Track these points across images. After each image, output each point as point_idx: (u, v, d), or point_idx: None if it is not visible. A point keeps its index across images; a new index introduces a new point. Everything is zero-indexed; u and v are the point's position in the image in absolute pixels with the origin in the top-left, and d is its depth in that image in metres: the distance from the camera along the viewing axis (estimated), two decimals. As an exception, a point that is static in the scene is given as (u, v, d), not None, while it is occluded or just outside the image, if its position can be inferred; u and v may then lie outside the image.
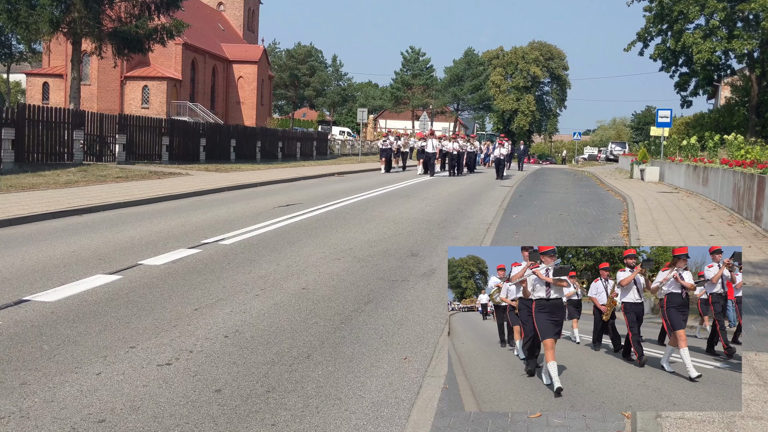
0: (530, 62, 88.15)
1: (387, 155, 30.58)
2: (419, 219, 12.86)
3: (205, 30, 59.75)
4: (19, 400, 4.02)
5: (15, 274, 6.98)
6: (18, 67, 64.65)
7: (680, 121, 44.66)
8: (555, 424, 3.90)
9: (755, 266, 8.24)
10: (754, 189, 12.42)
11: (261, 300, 6.43)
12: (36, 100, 51.02)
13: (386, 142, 30.59)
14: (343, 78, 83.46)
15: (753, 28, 35.05)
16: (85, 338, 5.13)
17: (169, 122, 26.00)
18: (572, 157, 72.56)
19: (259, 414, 4.00)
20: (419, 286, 7.33)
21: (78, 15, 24.49)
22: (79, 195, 13.59)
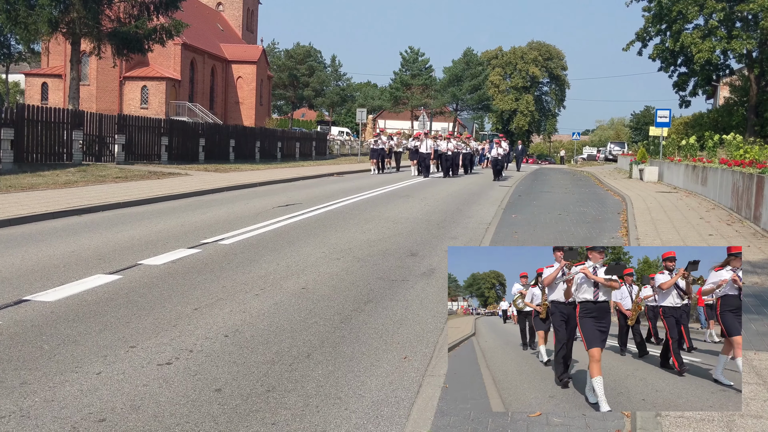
0: (529, 62, 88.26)
1: (378, 156, 29.41)
2: (418, 219, 12.87)
3: (204, 30, 59.74)
4: (20, 399, 4.02)
5: (15, 274, 6.98)
6: (17, 68, 64.61)
7: (679, 121, 44.70)
8: (555, 423, 3.91)
9: (754, 266, 8.25)
10: (752, 189, 12.44)
11: (261, 300, 6.43)
12: (35, 100, 51.00)
13: (377, 142, 29.44)
14: (342, 78, 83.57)
15: (752, 28, 35.11)
16: (85, 338, 5.13)
17: (168, 122, 26.00)
18: (571, 157, 72.60)
19: (259, 413, 4.01)
20: (419, 285, 7.34)
21: (77, 15, 24.48)
22: (78, 195, 13.59)
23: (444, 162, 27.92)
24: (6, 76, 62.90)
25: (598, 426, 3.88)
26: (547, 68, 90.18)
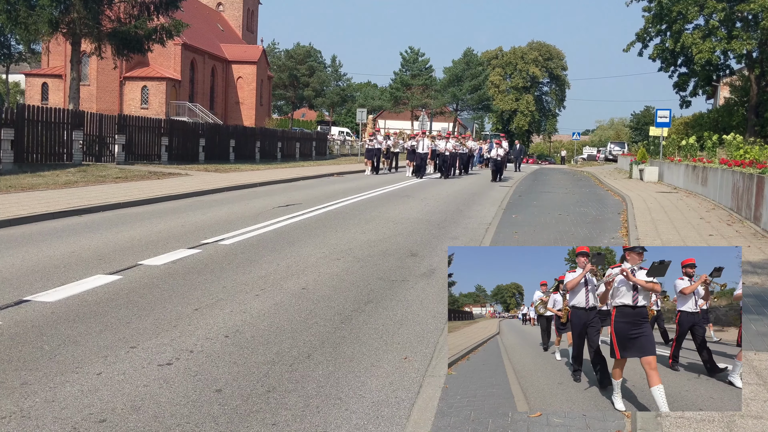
0: (529, 62, 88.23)
1: (374, 156, 28.26)
2: (419, 219, 12.87)
3: (204, 30, 59.74)
4: (20, 399, 4.02)
5: (15, 275, 6.98)
6: (17, 68, 64.59)
7: (679, 121, 44.69)
8: (555, 423, 3.91)
9: (754, 266, 8.25)
10: (753, 189, 12.44)
11: (261, 300, 6.43)
12: (35, 100, 51.00)
13: (373, 142, 28.37)
14: (342, 78, 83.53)
15: (752, 29, 35.10)
16: (86, 338, 5.14)
17: (169, 122, 25.99)
18: (571, 156, 72.60)
19: (259, 414, 4.01)
20: (419, 286, 7.34)
21: (77, 15, 24.47)
22: (78, 195, 13.59)
23: (442, 162, 27.10)
24: (6, 77, 62.92)
25: (599, 426, 3.88)
26: (547, 68, 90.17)
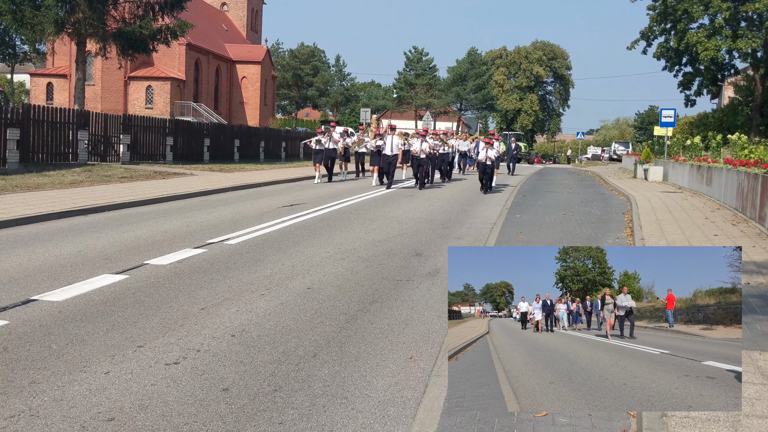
0: (533, 62, 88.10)
1: (324, 159, 21.33)
2: (423, 219, 12.88)
3: (209, 30, 59.86)
4: (29, 398, 4.06)
5: (22, 274, 7.02)
6: (22, 68, 64.85)
7: (684, 121, 44.58)
8: (561, 423, 3.92)
9: (759, 266, 8.24)
10: (758, 189, 12.42)
11: (267, 299, 6.46)
12: (40, 100, 51.17)
13: (320, 142, 21.11)
14: (346, 78, 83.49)
15: (757, 28, 35.01)
16: (93, 337, 5.17)
17: (173, 122, 26.07)
18: (576, 156, 72.50)
19: (266, 413, 4.03)
20: (424, 285, 7.36)
21: (82, 16, 24.58)
22: (84, 195, 13.65)
23: (417, 167, 20.39)
24: (11, 76, 63.09)
25: (604, 426, 3.90)
26: (551, 68, 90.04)
